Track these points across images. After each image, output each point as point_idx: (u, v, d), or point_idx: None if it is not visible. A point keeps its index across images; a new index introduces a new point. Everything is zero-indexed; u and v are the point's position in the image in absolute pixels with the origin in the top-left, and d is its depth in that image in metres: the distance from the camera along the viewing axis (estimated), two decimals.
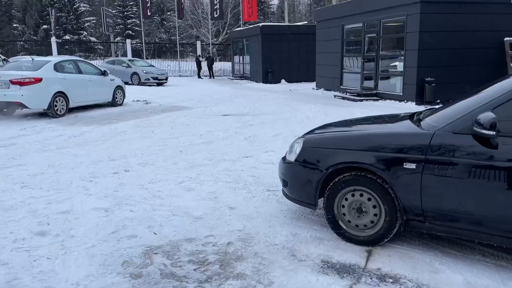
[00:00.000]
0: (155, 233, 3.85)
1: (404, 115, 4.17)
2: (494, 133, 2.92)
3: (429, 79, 12.76)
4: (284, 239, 3.73)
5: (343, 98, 15.37)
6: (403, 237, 3.73)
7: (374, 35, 14.92)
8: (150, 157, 6.70)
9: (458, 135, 3.16)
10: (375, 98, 14.68)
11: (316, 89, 19.10)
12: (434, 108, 4.00)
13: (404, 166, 3.29)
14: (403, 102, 13.44)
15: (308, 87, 20.34)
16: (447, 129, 3.22)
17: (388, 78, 14.72)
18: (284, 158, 4.11)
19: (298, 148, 3.90)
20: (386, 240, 3.50)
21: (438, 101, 12.30)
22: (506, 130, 3.04)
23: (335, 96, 16.04)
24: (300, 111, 12.02)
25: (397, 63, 14.13)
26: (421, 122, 3.59)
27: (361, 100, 14.46)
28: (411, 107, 12.35)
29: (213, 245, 3.63)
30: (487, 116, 2.95)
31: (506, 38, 13.29)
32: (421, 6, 12.34)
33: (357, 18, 15.67)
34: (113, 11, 46.71)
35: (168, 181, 5.38)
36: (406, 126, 3.62)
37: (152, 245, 3.62)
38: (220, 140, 8.00)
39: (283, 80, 23.63)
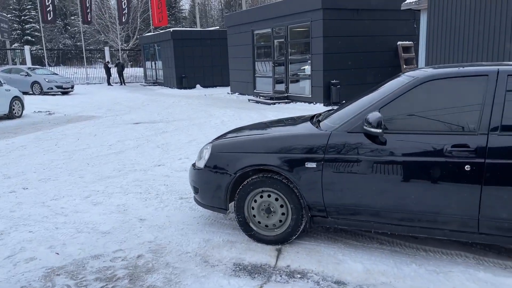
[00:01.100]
0: (58, 253, 3.60)
1: (306, 117, 4.39)
2: (380, 130, 3.19)
3: (334, 81, 13.56)
4: (196, 246, 3.71)
5: (257, 102, 15.72)
6: (310, 233, 3.91)
7: (283, 40, 15.49)
8: (53, 171, 6.27)
9: (351, 134, 3.40)
10: (286, 101, 15.23)
11: (231, 93, 19.31)
12: (333, 109, 4.26)
13: (306, 166, 3.46)
14: (312, 104, 14.12)
15: (223, 91, 20.49)
16: (342, 129, 3.45)
17: (298, 81, 15.36)
18: (194, 165, 4.10)
19: (206, 154, 3.91)
20: (294, 237, 3.65)
21: (344, 101, 13.12)
22: (392, 127, 3.35)
23: (249, 100, 16.34)
24: (215, 116, 12.06)
25: (305, 67, 14.81)
26: (320, 123, 3.81)
27: (274, 103, 14.92)
28: (319, 108, 13.01)
29: (122, 259, 3.50)
30: (374, 115, 3.21)
31: (399, 42, 14.61)
32: (323, 13, 13.08)
33: (266, 24, 16.14)
34: (8, 15, 42.92)
35: (72, 197, 5.07)
36: (306, 127, 3.81)
37: (54, 266, 3.39)
38: (130, 150, 7.73)
39: (198, 85, 23.53)
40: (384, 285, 3.06)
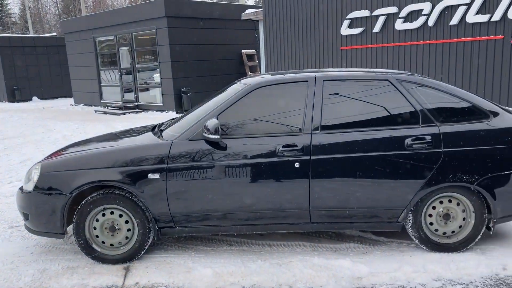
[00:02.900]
0: None
1: (148, 127, 4.29)
2: (218, 136, 3.31)
3: (185, 89, 13.62)
4: (30, 279, 3.30)
5: (105, 112, 14.85)
6: (160, 244, 3.83)
7: (128, 47, 14.95)
8: None
9: (193, 142, 3.44)
10: (137, 110, 14.73)
11: (75, 105, 17.85)
12: (175, 118, 4.25)
13: (149, 178, 3.38)
14: (164, 112, 13.93)
15: (65, 103, 18.78)
16: (183, 137, 3.47)
17: (148, 90, 14.99)
18: (21, 188, 3.64)
19: (35, 175, 3.51)
20: (142, 252, 3.52)
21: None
22: (231, 132, 3.50)
23: (96, 111, 15.32)
24: (55, 130, 10.97)
25: (154, 75, 14.54)
26: (163, 133, 3.77)
27: (124, 114, 14.28)
28: (172, 116, 12.91)
29: None
30: (212, 122, 3.31)
31: (243, 50, 15.42)
32: (168, 21, 13.04)
33: (109, 31, 15.37)
34: None
35: None
36: (147, 138, 3.73)
37: None
38: None
39: (35, 98, 21.09)
40: (233, 285, 3.16)
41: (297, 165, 3.40)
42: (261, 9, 9.59)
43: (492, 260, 3.36)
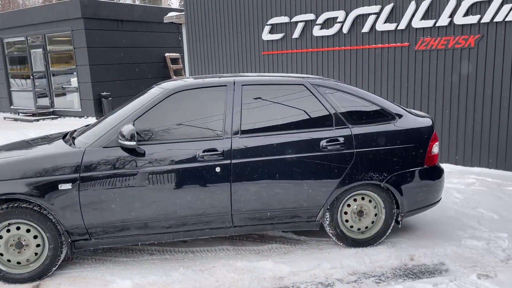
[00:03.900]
0: None
1: (59, 134, 4.04)
2: (134, 143, 3.20)
3: (105, 93, 13.02)
4: None
5: (16, 119, 13.74)
6: (75, 259, 3.61)
7: (41, 50, 13.97)
8: None
9: (107, 149, 3.29)
10: (53, 116, 13.82)
11: None
12: (89, 124, 4.04)
13: (60, 188, 3.17)
14: (83, 118, 13.22)
15: None
16: (97, 145, 3.30)
17: (64, 94, 14.12)
18: None
19: None
20: (54, 269, 3.29)
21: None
22: (150, 138, 3.40)
23: (5, 118, 14.12)
24: None
25: (71, 79, 13.74)
26: (75, 140, 3.56)
27: (38, 120, 13.32)
28: (91, 122, 12.27)
29: None
30: (127, 128, 3.19)
31: (166, 54, 15.12)
32: (84, 22, 12.41)
33: (19, 31, 14.25)
34: None
35: None
36: (57, 146, 3.49)
37: None
38: None
39: None
40: None
41: (218, 169, 3.39)
42: (184, 13, 9.48)
43: (401, 252, 3.61)
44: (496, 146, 5.95)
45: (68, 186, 3.18)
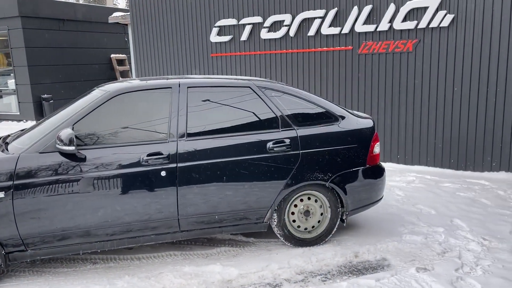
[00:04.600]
0: None
1: None
2: (74, 148, 3.06)
3: (46, 96, 12.40)
4: None
5: None
6: (11, 271, 3.40)
7: None
8: None
9: (45, 155, 3.13)
10: None
11: None
12: (25, 129, 3.83)
13: None
14: (22, 122, 12.51)
15: None
16: (33, 150, 3.13)
17: (1, 97, 13.29)
18: None
19: None
20: None
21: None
22: (91, 142, 3.27)
23: None
24: None
25: (8, 81, 12.95)
26: (8, 146, 3.35)
27: None
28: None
29: None
30: (65, 132, 3.05)
31: (112, 55, 14.66)
32: (22, 21, 11.75)
33: None
34: None
35: None
36: None
37: None
38: None
39: None
40: None
41: (163, 173, 3.32)
42: (129, 13, 9.24)
43: (347, 249, 3.71)
44: (433, 145, 6.29)
45: (1, 195, 2.99)
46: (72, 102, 3.76)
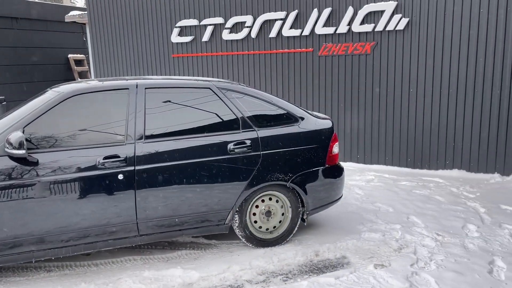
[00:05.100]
0: None
1: None
2: (24, 151, 2.93)
3: None
4: None
5: None
6: None
7: None
8: None
9: None
10: None
11: None
12: None
13: None
14: None
15: None
16: None
17: None
18: None
19: None
20: None
21: None
22: (44, 145, 3.15)
23: None
24: None
25: None
26: None
27: None
28: None
29: None
30: (15, 135, 2.92)
31: (70, 55, 14.18)
32: None
33: None
34: None
35: None
36: None
37: None
38: None
39: None
40: None
41: (120, 176, 3.24)
42: (87, 12, 8.97)
43: (308, 248, 3.76)
44: (391, 144, 6.49)
45: None
46: (23, 104, 3.61)
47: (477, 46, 5.72)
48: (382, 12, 6.18)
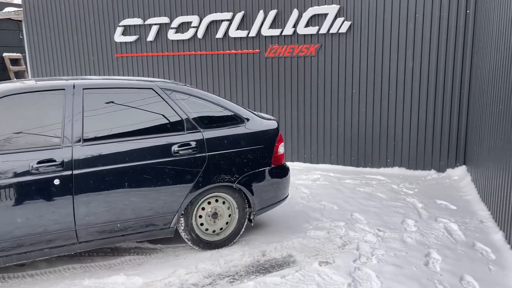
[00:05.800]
0: None
1: None
2: None
3: None
4: None
5: None
6: None
7: None
8: None
9: None
10: None
11: None
12: None
13: None
14: None
15: None
16: None
17: None
18: None
19: None
20: None
21: None
22: None
23: None
24: None
25: None
26: None
27: None
28: None
29: None
30: None
31: (5, 54, 13.33)
32: None
33: None
34: None
35: None
36: None
37: None
38: None
39: None
40: None
41: (57, 182, 3.08)
42: (22, 8, 8.47)
43: (254, 249, 3.76)
44: (336, 144, 6.67)
45: None
46: None
47: (414, 49, 6.02)
48: (325, 15, 6.34)
